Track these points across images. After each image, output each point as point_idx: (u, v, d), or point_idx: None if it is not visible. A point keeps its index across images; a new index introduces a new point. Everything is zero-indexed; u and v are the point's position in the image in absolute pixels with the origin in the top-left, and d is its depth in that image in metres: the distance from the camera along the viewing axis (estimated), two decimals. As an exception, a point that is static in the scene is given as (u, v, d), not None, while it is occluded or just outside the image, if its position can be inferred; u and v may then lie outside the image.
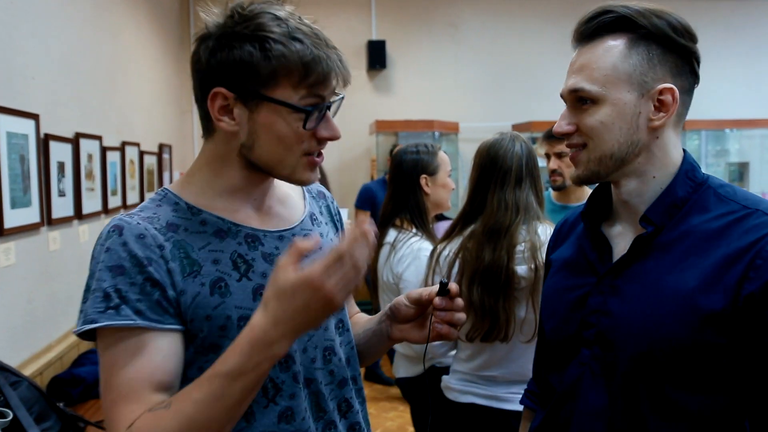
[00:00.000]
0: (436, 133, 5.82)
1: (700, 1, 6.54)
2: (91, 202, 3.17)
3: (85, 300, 0.92)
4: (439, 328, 1.06)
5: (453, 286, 1.06)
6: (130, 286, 0.90)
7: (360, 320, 1.25)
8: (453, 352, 2.19)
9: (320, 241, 0.84)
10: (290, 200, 1.12)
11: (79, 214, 3.00)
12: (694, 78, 1.02)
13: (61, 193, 2.81)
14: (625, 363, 0.98)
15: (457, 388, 1.90)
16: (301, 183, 1.03)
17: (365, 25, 6.12)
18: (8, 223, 2.26)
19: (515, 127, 5.72)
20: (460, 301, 1.06)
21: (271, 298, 0.84)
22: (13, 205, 2.32)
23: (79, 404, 2.46)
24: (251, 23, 0.93)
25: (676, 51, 0.98)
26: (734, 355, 0.91)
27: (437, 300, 1.05)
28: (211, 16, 0.96)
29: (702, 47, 1.03)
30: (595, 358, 1.02)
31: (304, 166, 1.00)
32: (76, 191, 2.97)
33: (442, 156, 2.29)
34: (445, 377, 1.98)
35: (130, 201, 3.88)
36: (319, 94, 0.96)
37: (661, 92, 0.97)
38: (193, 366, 0.95)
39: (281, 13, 0.95)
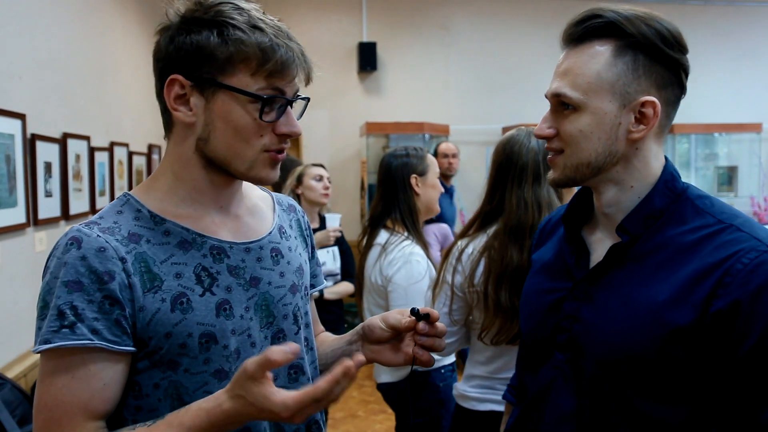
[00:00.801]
0: (427, 136, 5.82)
1: (689, 6, 6.59)
2: (78, 203, 3.14)
3: (42, 317, 0.88)
4: (420, 353, 1.03)
5: (434, 312, 1.04)
6: (87, 304, 0.86)
7: (326, 339, 1.21)
8: (435, 355, 2.18)
9: (298, 352, 0.80)
10: (259, 211, 1.08)
11: (66, 215, 2.97)
12: (680, 90, 1.00)
13: (48, 194, 2.78)
14: (592, 369, 0.98)
15: (474, 395, 1.81)
16: (260, 181, 0.98)
17: (356, 27, 6.11)
18: (-7, 224, 2.24)
19: (505, 129, 5.74)
20: (441, 327, 1.04)
21: (241, 400, 0.81)
22: (-1, 206, 2.29)
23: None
24: (211, 10, 0.91)
25: (663, 62, 0.96)
26: (698, 368, 0.91)
27: (421, 325, 1.02)
28: (172, 9, 0.94)
29: (691, 52, 1.02)
30: (567, 363, 1.02)
31: (264, 162, 0.95)
32: (63, 192, 2.95)
33: (431, 158, 2.31)
34: (458, 385, 1.90)
35: (118, 202, 3.85)
36: (278, 86, 0.92)
37: (643, 105, 0.95)
38: (149, 381, 0.91)
39: (243, 4, 0.93)
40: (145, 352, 0.90)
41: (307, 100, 1.00)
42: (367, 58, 5.96)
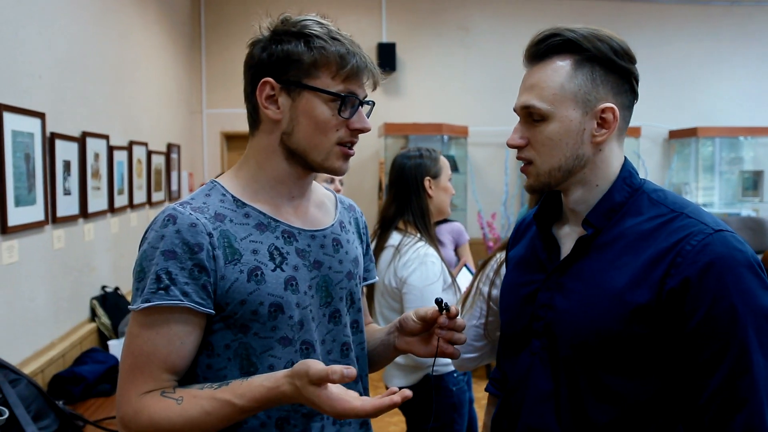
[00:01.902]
0: (445, 137, 5.80)
1: (714, 7, 6.48)
2: (97, 201, 3.18)
3: (138, 279, 1.03)
4: (444, 347, 1.16)
5: (453, 308, 1.14)
6: (180, 270, 1.01)
7: (373, 328, 1.36)
8: (447, 359, 2.16)
9: (354, 377, 0.94)
10: (324, 206, 1.24)
11: (84, 213, 3.01)
12: (633, 96, 1.10)
13: (67, 192, 2.82)
14: (565, 351, 1.07)
15: None
16: (333, 171, 1.12)
17: (375, 28, 6.11)
18: (12, 221, 2.27)
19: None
20: (461, 322, 1.15)
21: (297, 391, 0.96)
22: (17, 203, 2.32)
23: (80, 403, 2.46)
24: (297, 25, 1.09)
25: (616, 71, 1.06)
26: (660, 344, 1.00)
27: (442, 318, 1.15)
28: (262, 25, 1.11)
29: (716, 53, 1.08)
30: (544, 348, 1.12)
31: (337, 155, 1.11)
32: (81, 190, 2.98)
33: (443, 160, 2.29)
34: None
35: (136, 201, 3.89)
36: (352, 89, 1.09)
37: (603, 111, 1.05)
38: (221, 342, 1.06)
39: (322, 20, 1.11)
40: (221, 315, 1.05)
41: (373, 103, 1.15)
42: (387, 58, 5.95)
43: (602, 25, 1.10)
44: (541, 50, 1.08)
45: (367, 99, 1.13)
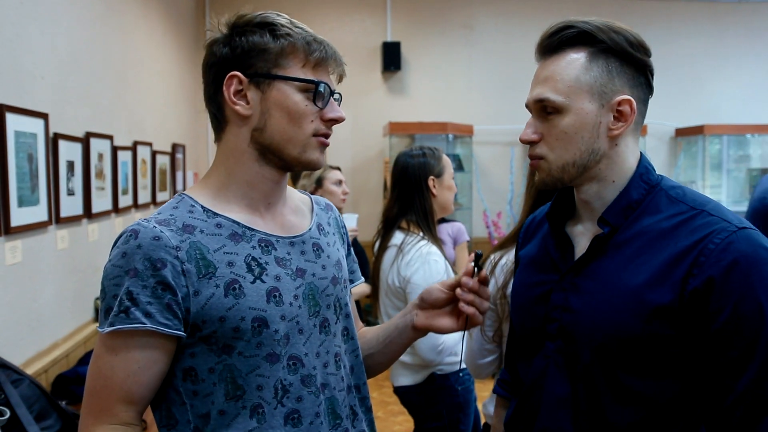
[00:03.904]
0: (450, 136, 5.78)
1: (720, 5, 6.43)
2: (100, 201, 3.18)
3: (102, 299, 0.97)
4: (466, 308, 1.11)
5: (483, 273, 1.11)
6: (141, 289, 0.94)
7: (371, 329, 1.30)
8: (452, 358, 2.15)
9: None
10: (300, 210, 1.17)
11: (88, 213, 3.01)
12: (649, 89, 1.07)
13: (70, 192, 2.81)
14: (585, 355, 1.04)
15: None
16: (311, 164, 1.06)
17: (380, 27, 6.10)
18: (15, 222, 2.26)
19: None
20: (487, 291, 1.13)
21: None
22: (21, 204, 2.32)
23: (83, 403, 2.46)
24: (257, 17, 1.04)
25: (632, 64, 1.04)
26: (682, 345, 0.97)
27: (464, 279, 1.11)
28: (218, 28, 1.07)
29: (723, 51, 1.06)
30: (559, 351, 1.08)
31: (314, 146, 1.05)
32: (85, 190, 2.98)
33: (446, 159, 2.28)
34: (486, 403, 1.86)
35: (141, 201, 3.89)
36: (323, 80, 1.04)
37: (619, 103, 1.03)
38: (204, 366, 0.98)
39: (281, 14, 1.06)
40: (199, 336, 0.97)
41: (341, 96, 1.10)
42: (391, 57, 5.94)
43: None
44: (555, 43, 1.05)
45: (335, 90, 1.08)
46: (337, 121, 1.06)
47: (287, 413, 1.00)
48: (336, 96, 1.08)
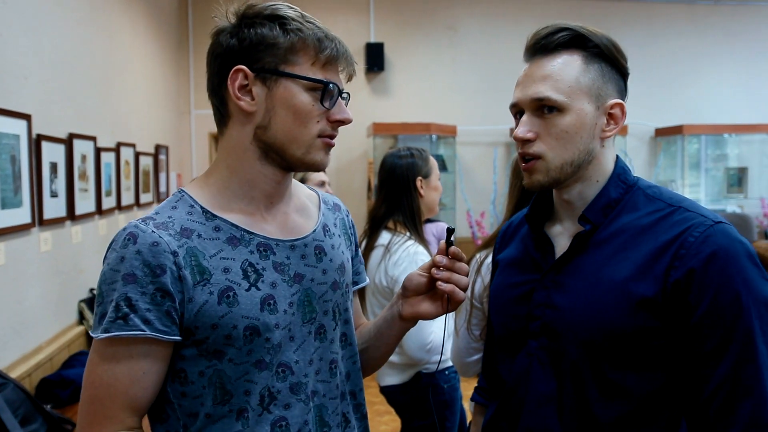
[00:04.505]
0: (434, 136, 5.81)
1: (699, 6, 6.54)
2: (84, 203, 3.15)
3: (99, 303, 0.94)
4: (444, 287, 1.07)
5: (453, 249, 1.08)
6: (141, 295, 0.91)
7: (365, 324, 1.27)
8: (443, 356, 2.17)
9: None
10: (306, 209, 1.13)
11: (72, 215, 2.99)
12: (625, 95, 1.12)
13: (54, 194, 2.79)
14: (571, 350, 1.05)
15: None
16: (314, 165, 1.03)
17: (363, 28, 6.11)
18: (-2, 224, 2.25)
19: (512, 130, 5.69)
20: (463, 266, 1.09)
21: None
22: (3, 206, 2.30)
23: (68, 406, 2.45)
24: (268, 9, 0.99)
25: (618, 69, 1.08)
26: (666, 337, 1.00)
27: (438, 258, 1.08)
28: (224, 16, 1.01)
29: (702, 52, 1.09)
30: (542, 348, 1.09)
31: (319, 147, 1.01)
32: (68, 192, 2.96)
33: (433, 160, 2.30)
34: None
35: (124, 202, 3.86)
36: (332, 79, 1.00)
37: (612, 107, 1.06)
38: (194, 369, 0.96)
39: (291, 6, 1.02)
40: (192, 340, 0.95)
41: (349, 96, 1.06)
42: (375, 58, 5.95)
43: (589, 24, 1.10)
44: (551, 44, 1.06)
45: (343, 90, 1.04)
46: (343, 122, 1.03)
47: (274, 420, 0.99)
48: (344, 95, 1.04)
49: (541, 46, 1.07)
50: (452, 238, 1.10)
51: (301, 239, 1.07)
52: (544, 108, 1.05)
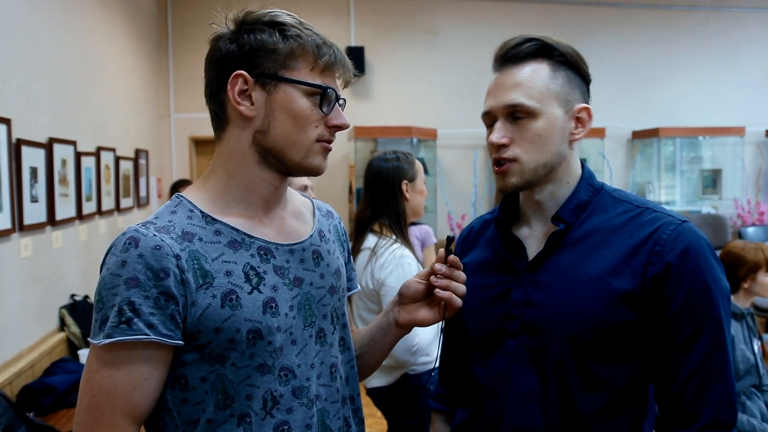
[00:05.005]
0: (415, 140, 5.84)
1: (673, 12, 6.66)
2: (64, 208, 3.12)
3: (98, 309, 0.93)
4: (441, 294, 1.09)
5: (452, 257, 1.11)
6: (144, 299, 0.90)
7: (363, 329, 1.27)
8: (425, 358, 2.18)
9: None
10: (301, 215, 1.14)
11: (52, 220, 2.95)
12: (588, 99, 1.17)
13: (34, 199, 2.76)
14: (555, 346, 1.09)
15: None
16: (313, 170, 1.04)
17: (344, 31, 6.12)
18: (-22, 230, 2.22)
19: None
20: (461, 274, 1.12)
21: None
22: (-16, 211, 2.27)
23: (51, 414, 2.42)
24: (266, 15, 1.00)
25: (582, 76, 1.14)
26: (643, 329, 1.06)
27: (437, 266, 1.10)
28: (223, 22, 1.02)
29: (676, 57, 1.13)
30: (522, 347, 1.12)
31: (317, 152, 1.03)
32: (49, 197, 2.93)
33: (418, 163, 2.31)
34: None
35: (105, 207, 3.83)
36: (330, 85, 1.02)
37: (579, 111, 1.12)
38: (196, 375, 0.96)
39: (290, 14, 1.03)
40: (194, 345, 0.95)
41: (345, 101, 1.07)
42: (355, 62, 5.83)
43: (567, 29, 1.15)
44: (520, 54, 1.12)
45: (341, 96, 1.06)
46: (341, 127, 1.04)
47: (276, 424, 0.98)
48: (341, 101, 1.06)
49: (511, 56, 1.12)
50: (451, 247, 1.12)
51: (300, 243, 1.08)
52: (517, 114, 1.10)
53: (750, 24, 6.84)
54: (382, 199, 2.24)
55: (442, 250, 1.12)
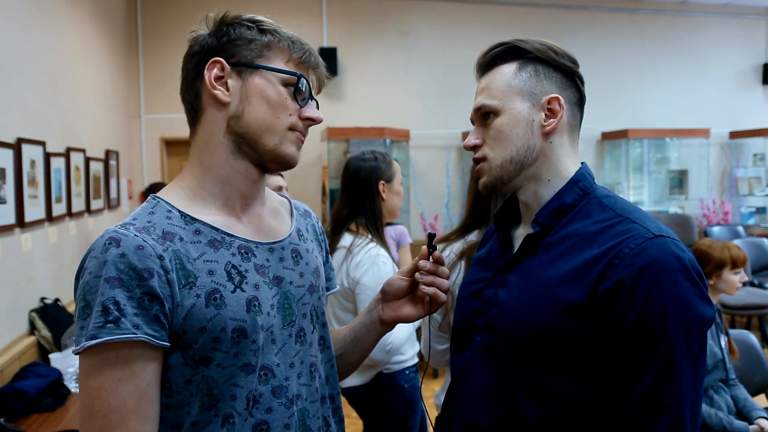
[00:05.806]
0: (387, 141, 5.86)
1: (640, 15, 6.80)
2: (33, 210, 3.07)
3: (83, 316, 0.89)
4: (426, 290, 1.12)
5: (436, 254, 1.14)
6: (128, 300, 0.88)
7: (342, 329, 1.28)
8: (400, 357, 2.21)
9: None
10: (279, 214, 1.15)
11: (21, 222, 2.90)
12: (580, 95, 1.16)
13: (2, 201, 2.71)
14: (504, 347, 1.08)
15: None
16: (286, 159, 1.04)
17: (316, 32, 6.12)
18: (-55, 232, 2.17)
19: (465, 134, 5.81)
20: (445, 270, 1.15)
21: None
22: (-49, 213, 2.23)
23: (22, 419, 2.37)
24: (245, 15, 1.04)
25: (559, 69, 1.13)
26: (592, 345, 1.00)
27: (422, 262, 1.13)
28: (205, 23, 1.05)
29: (643, 59, 1.13)
30: (484, 344, 1.14)
31: (291, 140, 1.03)
32: (17, 198, 2.88)
33: (396, 164, 2.33)
34: (438, 393, 1.90)
35: (75, 209, 3.77)
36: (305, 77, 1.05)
37: (549, 101, 1.11)
38: (180, 379, 0.94)
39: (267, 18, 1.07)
40: (179, 345, 0.93)
41: (317, 103, 1.09)
42: (328, 63, 5.84)
43: (537, 31, 1.18)
44: (489, 59, 1.15)
45: (313, 93, 1.08)
46: (314, 120, 1.05)
47: (255, 424, 0.98)
48: (313, 102, 1.07)
49: (484, 64, 1.16)
50: (434, 243, 1.15)
51: (279, 242, 1.08)
52: (485, 116, 1.13)
53: (713, 28, 7.02)
54: (359, 198, 2.26)
55: (424, 247, 1.14)
